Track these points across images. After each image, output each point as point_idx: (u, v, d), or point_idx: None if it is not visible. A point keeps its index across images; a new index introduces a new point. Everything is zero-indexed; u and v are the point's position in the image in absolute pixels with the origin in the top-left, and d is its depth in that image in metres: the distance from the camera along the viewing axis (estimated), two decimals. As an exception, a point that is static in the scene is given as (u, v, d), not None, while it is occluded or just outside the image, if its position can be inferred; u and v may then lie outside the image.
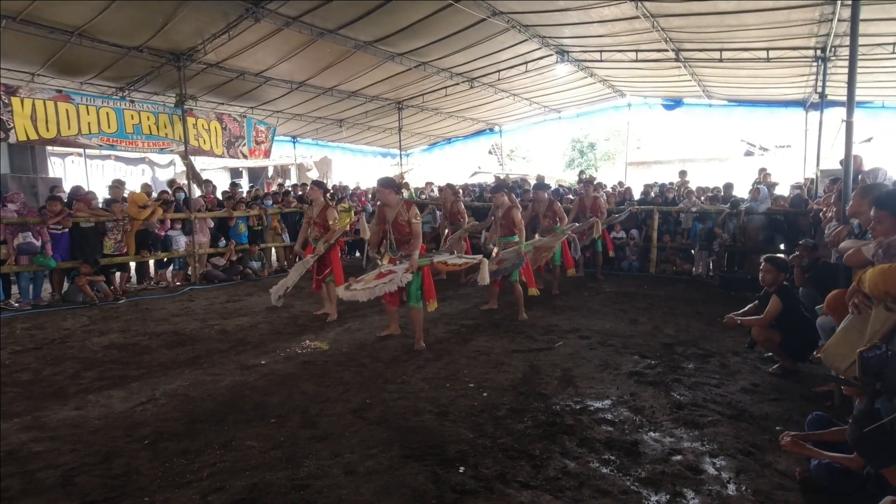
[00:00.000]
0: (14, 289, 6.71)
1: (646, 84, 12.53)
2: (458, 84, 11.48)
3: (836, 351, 2.42)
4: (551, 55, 10.27)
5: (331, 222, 5.81)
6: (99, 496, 2.44)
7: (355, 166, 19.77)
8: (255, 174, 21.53)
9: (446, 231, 8.61)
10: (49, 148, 9.63)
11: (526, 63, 10.67)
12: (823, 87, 8.96)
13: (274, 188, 13.70)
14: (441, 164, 20.53)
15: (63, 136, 7.72)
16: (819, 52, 8.56)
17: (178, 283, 8.27)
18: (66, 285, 6.93)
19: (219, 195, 10.15)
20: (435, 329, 5.28)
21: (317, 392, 3.72)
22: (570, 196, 10.13)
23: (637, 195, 10.63)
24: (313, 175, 21.61)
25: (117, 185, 8.07)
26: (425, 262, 4.83)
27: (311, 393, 3.70)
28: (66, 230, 6.70)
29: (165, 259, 8.32)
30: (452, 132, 16.57)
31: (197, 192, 9.31)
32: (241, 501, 2.38)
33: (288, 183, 15.98)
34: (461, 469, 2.63)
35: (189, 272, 8.43)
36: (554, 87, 12.71)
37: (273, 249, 10.09)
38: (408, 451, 2.82)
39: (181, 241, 8.26)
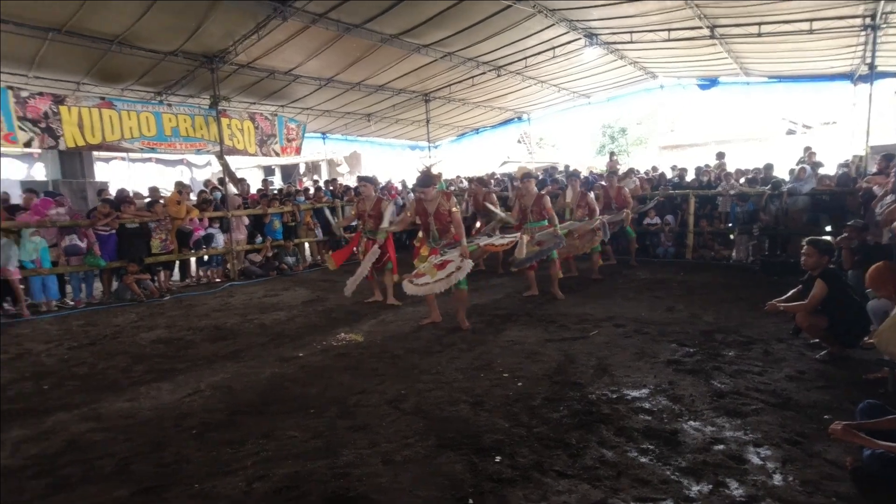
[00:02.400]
0: (68, 288, 7.07)
1: (679, 64, 12.11)
2: (484, 73, 11.38)
3: (891, 336, 2.30)
4: (579, 39, 10.05)
5: (386, 214, 6.09)
6: (152, 483, 2.57)
7: (384, 159, 19.93)
8: (287, 171, 21.98)
9: (478, 223, 8.60)
10: (95, 153, 10.06)
11: (553, 48, 10.48)
12: (873, 57, 8.46)
13: (307, 184, 13.96)
14: (470, 155, 20.45)
15: (108, 141, 8.08)
16: (868, 20, 8.08)
17: (217, 280, 8.56)
18: (114, 284, 7.27)
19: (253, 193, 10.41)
20: (468, 319, 5.30)
21: (353, 383, 3.79)
22: (602, 183, 9.95)
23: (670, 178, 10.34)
24: (343, 170, 21.92)
25: (155, 190, 8.43)
26: (473, 247, 4.98)
27: (348, 384, 3.78)
28: (114, 231, 7.02)
29: (206, 257, 8.61)
30: (480, 122, 16.46)
31: (233, 191, 9.58)
32: (284, 489, 2.46)
33: (318, 178, 16.22)
34: (497, 458, 2.65)
35: (228, 268, 8.71)
36: (582, 72, 12.44)
37: (307, 244, 10.30)
38: (444, 440, 2.85)
39: (220, 239, 8.53)
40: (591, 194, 7.63)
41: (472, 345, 4.59)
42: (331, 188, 11.61)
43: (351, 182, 14.61)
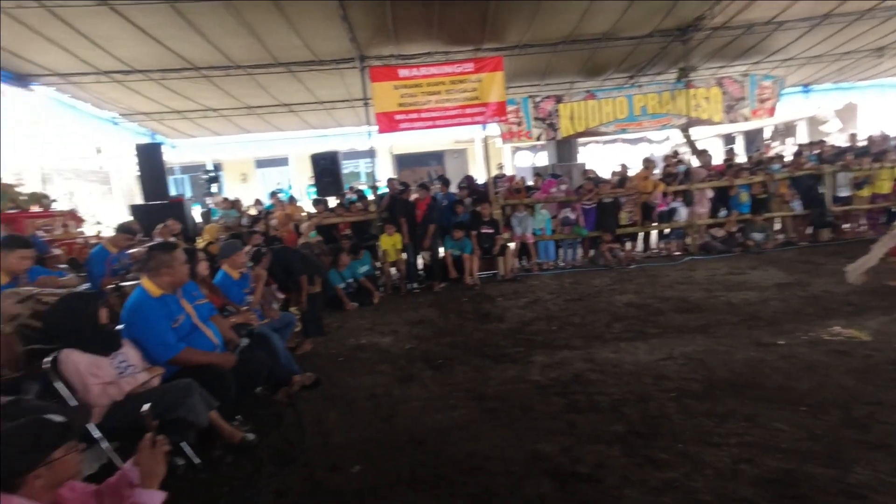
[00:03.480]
0: (560, 252, 8.80)
1: None
2: None
3: None
4: None
5: None
6: (641, 429, 2.94)
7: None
8: (750, 137, 19.58)
9: None
10: (580, 139, 11.95)
11: None
12: None
13: (777, 149, 12.09)
14: None
15: (590, 128, 9.43)
16: None
17: (676, 253, 8.69)
18: (590, 252, 8.55)
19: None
20: None
21: (859, 390, 3.13)
22: None
23: None
24: (830, 128, 17.63)
25: (624, 168, 9.23)
26: None
27: (852, 389, 3.15)
28: (594, 205, 8.21)
29: (666, 230, 8.87)
30: None
31: (696, 164, 9.40)
32: (777, 482, 2.33)
33: (792, 141, 13.71)
34: None
35: (687, 242, 8.69)
36: None
37: (779, 219, 9.00)
38: None
39: (682, 213, 8.58)
40: None
41: None
42: (816, 151, 9.63)
43: (842, 142, 11.64)
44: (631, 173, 9.17)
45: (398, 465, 2.77)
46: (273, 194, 11.19)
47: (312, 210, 8.27)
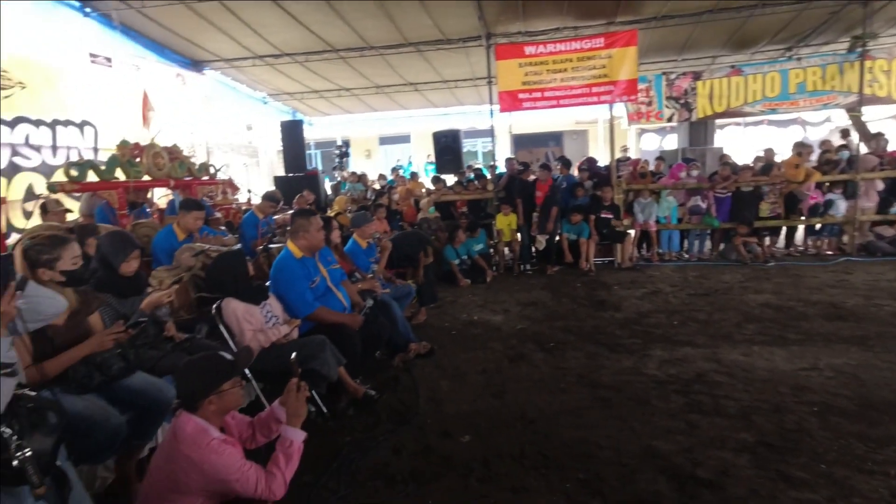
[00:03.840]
0: (685, 243, 8.15)
1: None
2: None
3: None
4: None
5: None
6: (775, 441, 2.69)
7: None
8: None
9: None
10: (717, 121, 10.85)
11: None
12: None
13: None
14: None
15: (731, 108, 8.51)
16: None
17: (828, 252, 7.62)
18: (721, 245, 7.80)
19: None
20: None
21: None
22: None
23: None
24: None
25: (770, 152, 8.20)
26: None
27: None
28: (730, 194, 7.46)
29: (818, 225, 7.79)
30: None
31: (864, 150, 8.06)
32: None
33: None
34: None
35: (844, 241, 7.56)
36: None
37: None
38: None
39: (841, 206, 7.47)
40: None
41: None
42: None
43: None
44: (778, 159, 8.13)
45: (507, 441, 2.84)
46: (394, 170, 11.75)
47: (431, 187, 8.54)
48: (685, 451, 2.63)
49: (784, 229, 8.04)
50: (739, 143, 13.04)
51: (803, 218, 7.60)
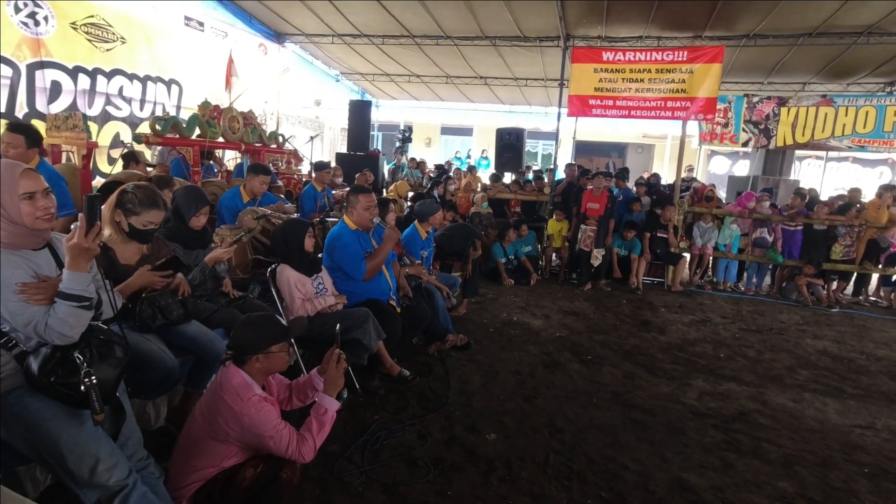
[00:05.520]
0: (744, 276, 7.76)
1: None
2: None
3: None
4: None
5: None
6: (815, 495, 2.55)
7: None
8: None
9: None
10: (797, 152, 10.25)
11: None
12: None
13: None
14: None
15: (815, 140, 8.03)
16: None
17: (904, 307, 7.07)
18: (783, 283, 7.38)
19: None
20: None
21: None
22: None
23: None
24: None
25: (856, 192, 7.62)
26: None
27: None
28: (800, 228, 7.03)
29: (894, 277, 7.23)
30: None
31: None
32: None
33: None
34: None
35: (925, 297, 6.99)
36: None
37: None
38: None
39: (925, 260, 6.90)
40: None
41: None
42: None
43: None
44: (864, 199, 7.58)
45: (532, 446, 2.82)
46: (448, 163, 11.79)
47: (487, 182, 8.52)
48: (716, 489, 2.53)
49: (855, 275, 7.51)
50: (818, 179, 12.21)
51: (880, 266, 7.08)
